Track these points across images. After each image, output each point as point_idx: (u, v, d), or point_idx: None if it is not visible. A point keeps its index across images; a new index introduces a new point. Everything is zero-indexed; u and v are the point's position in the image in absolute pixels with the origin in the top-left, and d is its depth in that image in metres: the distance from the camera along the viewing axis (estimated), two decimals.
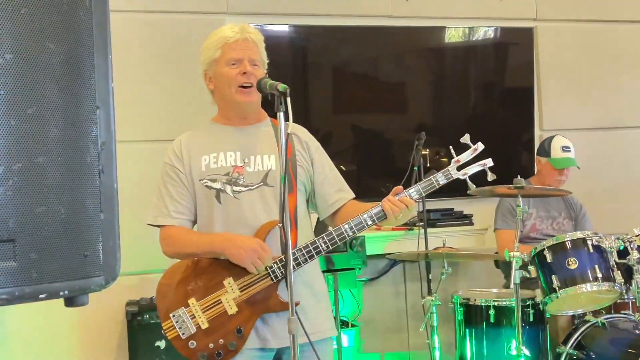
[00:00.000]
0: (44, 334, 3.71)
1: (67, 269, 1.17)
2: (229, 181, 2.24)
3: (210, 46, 2.29)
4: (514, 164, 4.58)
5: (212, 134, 2.34)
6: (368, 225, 2.20)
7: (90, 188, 1.21)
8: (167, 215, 2.27)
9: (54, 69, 1.15)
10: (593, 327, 3.25)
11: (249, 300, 2.18)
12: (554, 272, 3.16)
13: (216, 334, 2.16)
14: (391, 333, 4.28)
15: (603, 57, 4.77)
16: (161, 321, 2.19)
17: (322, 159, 2.42)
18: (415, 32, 4.50)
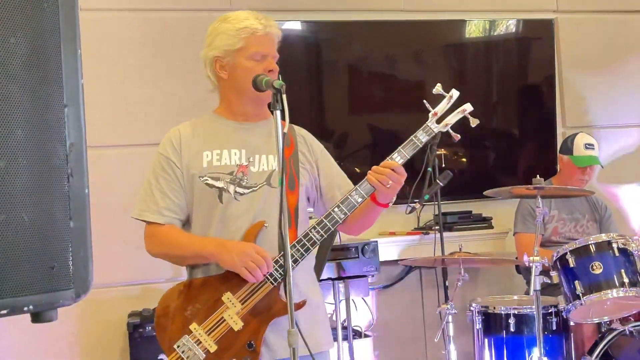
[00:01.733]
0: (44, 346, 3.70)
1: (32, 282, 1.11)
2: (233, 181, 2.17)
3: (232, 33, 2.16)
4: (535, 163, 4.50)
5: (215, 129, 2.25)
6: (358, 203, 2.13)
7: (58, 193, 1.15)
8: (156, 212, 2.17)
9: (14, 66, 1.10)
10: (620, 335, 3.17)
11: (253, 311, 2.11)
12: (578, 278, 3.10)
13: (227, 353, 2.09)
14: (407, 344, 4.21)
15: (628, 49, 4.70)
16: (167, 356, 2.11)
17: (328, 160, 2.38)
18: (433, 26, 4.45)
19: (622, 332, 3.17)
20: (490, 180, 4.22)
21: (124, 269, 3.75)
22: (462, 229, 4.20)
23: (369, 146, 4.42)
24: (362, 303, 4.14)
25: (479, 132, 4.28)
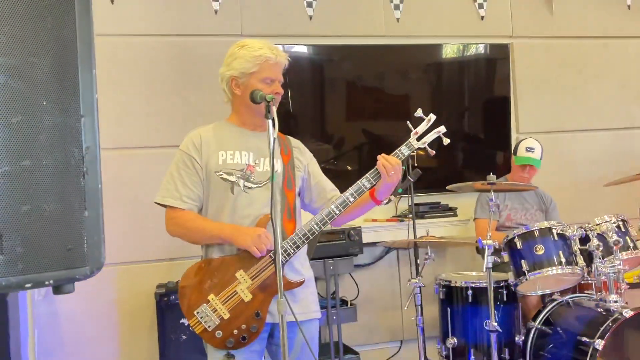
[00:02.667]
0: (92, 310, 3.70)
1: (52, 261, 1.11)
2: (243, 176, 2.19)
3: (249, 59, 2.17)
4: (495, 163, 4.48)
5: (229, 134, 2.25)
6: (367, 188, 2.20)
7: (75, 188, 1.15)
8: (177, 199, 2.18)
9: (41, 81, 1.10)
10: (559, 305, 3.15)
11: (260, 286, 2.13)
12: (524, 257, 3.09)
13: (238, 320, 2.10)
14: (386, 311, 4.20)
15: (571, 68, 4.65)
16: (187, 319, 2.12)
17: (315, 165, 2.43)
18: (416, 49, 4.38)
19: (561, 303, 3.14)
20: (458, 177, 4.21)
21: (153, 248, 3.75)
22: (432, 216, 4.18)
23: (362, 148, 4.38)
24: (349, 278, 4.14)
25: (450, 136, 4.29)
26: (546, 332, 3.07)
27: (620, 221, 3.17)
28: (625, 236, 3.14)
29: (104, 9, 3.79)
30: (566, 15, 4.64)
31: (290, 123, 4.11)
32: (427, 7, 4.37)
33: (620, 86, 4.74)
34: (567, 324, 3.01)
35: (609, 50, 4.74)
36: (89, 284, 3.89)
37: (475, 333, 3.24)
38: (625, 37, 4.78)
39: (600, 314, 2.88)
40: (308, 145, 2.32)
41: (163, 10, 3.90)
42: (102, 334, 3.73)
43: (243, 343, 2.09)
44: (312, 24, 4.15)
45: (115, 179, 3.77)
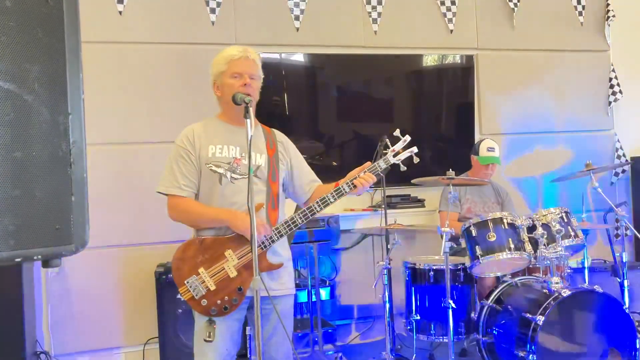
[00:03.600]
0: (97, 288, 3.74)
1: (41, 239, 1.14)
2: (230, 169, 2.22)
3: (219, 62, 2.25)
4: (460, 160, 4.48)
5: (218, 129, 2.28)
6: (331, 201, 2.21)
7: (63, 177, 1.19)
8: (177, 187, 2.21)
9: (32, 84, 1.13)
10: (509, 286, 3.20)
11: (245, 266, 2.17)
12: (478, 244, 3.13)
13: (222, 292, 2.15)
14: (360, 290, 4.24)
15: (529, 77, 4.70)
16: (178, 287, 2.17)
17: (298, 158, 2.43)
18: (399, 58, 4.40)
19: (511, 284, 3.20)
20: (427, 172, 4.24)
21: (155, 232, 3.78)
22: (403, 207, 4.22)
23: (351, 146, 4.41)
24: (328, 260, 4.19)
25: (423, 136, 4.38)
26: (497, 309, 3.12)
27: (564, 212, 3.22)
28: (567, 226, 3.19)
29: (113, 19, 3.81)
30: (526, 30, 4.68)
31: (286, 123, 4.14)
32: (401, 21, 4.40)
33: (572, 94, 4.79)
34: (515, 303, 3.05)
35: (564, 62, 4.78)
36: (97, 264, 3.95)
37: (435, 310, 3.29)
38: (578, 51, 4.82)
39: (542, 294, 2.93)
40: (302, 143, 2.36)
41: (165, 21, 3.93)
42: (109, 308, 3.77)
43: (225, 312, 2.14)
44: (299, 34, 4.18)
45: (121, 170, 3.81)
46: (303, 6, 4.19)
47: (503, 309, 3.09)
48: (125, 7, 3.84)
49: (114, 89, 3.83)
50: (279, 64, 4.15)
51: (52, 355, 3.63)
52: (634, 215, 4.86)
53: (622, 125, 4.91)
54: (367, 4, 4.33)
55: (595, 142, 4.84)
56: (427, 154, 4.53)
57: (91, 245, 3.93)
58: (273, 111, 4.14)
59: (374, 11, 4.35)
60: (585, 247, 3.38)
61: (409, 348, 3.55)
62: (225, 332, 2.17)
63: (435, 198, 4.19)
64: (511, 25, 4.65)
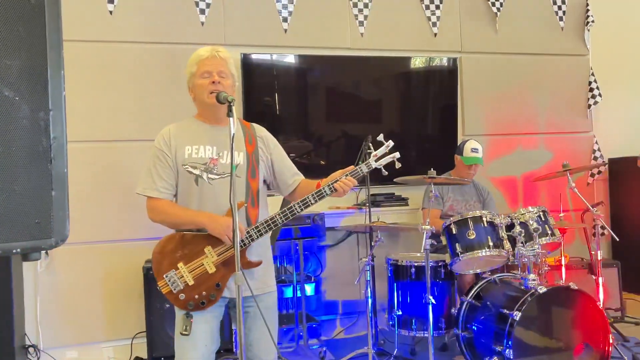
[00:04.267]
0: (86, 283, 3.72)
1: (21, 232, 1.13)
2: (206, 169, 2.18)
3: (191, 63, 2.22)
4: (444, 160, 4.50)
5: (194, 129, 2.23)
6: (311, 203, 2.17)
7: (43, 172, 1.17)
8: (154, 190, 2.17)
9: (11, 80, 1.12)
10: (488, 282, 3.21)
11: (224, 262, 2.14)
12: (458, 241, 3.14)
13: (200, 288, 2.13)
14: (345, 285, 4.25)
15: (511, 80, 4.73)
16: (157, 281, 2.15)
17: (280, 153, 2.38)
18: (387, 60, 4.40)
19: (490, 280, 3.21)
20: (412, 171, 4.25)
21: (143, 227, 3.74)
22: (387, 205, 4.23)
23: (340, 145, 4.40)
24: (314, 257, 4.19)
25: (413, 136, 4.41)
26: (476, 305, 3.14)
27: (541, 211, 3.24)
28: (544, 224, 3.21)
29: (104, 18, 3.79)
30: (508, 34, 4.71)
31: (276, 123, 4.14)
32: (387, 24, 4.42)
33: (552, 97, 4.83)
34: (493, 299, 3.07)
35: (545, 66, 4.82)
36: (86, 259, 3.93)
37: (416, 305, 3.30)
38: (558, 54, 4.86)
39: (520, 290, 2.96)
40: (291, 142, 2.30)
41: (156, 21, 3.91)
42: (97, 302, 3.75)
43: (202, 307, 2.12)
44: (287, 36, 4.18)
45: (111, 167, 3.79)
46: (291, 8, 4.19)
47: (482, 305, 3.11)
48: (116, 7, 3.82)
49: (104, 88, 3.81)
50: (271, 65, 4.14)
51: (41, 349, 3.61)
52: (610, 214, 4.92)
53: (600, 128, 4.96)
54: (353, 6, 4.34)
55: (575, 143, 4.88)
56: (413, 153, 4.55)
57: (81, 240, 3.95)
58: (264, 111, 4.13)
59: (361, 14, 4.35)
60: (562, 245, 3.41)
61: (392, 343, 3.56)
62: (204, 328, 2.15)
63: (418, 197, 4.21)
64: (494, 29, 4.68)
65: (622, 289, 4.32)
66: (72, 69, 3.74)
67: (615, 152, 4.85)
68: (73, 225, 3.69)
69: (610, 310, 4.22)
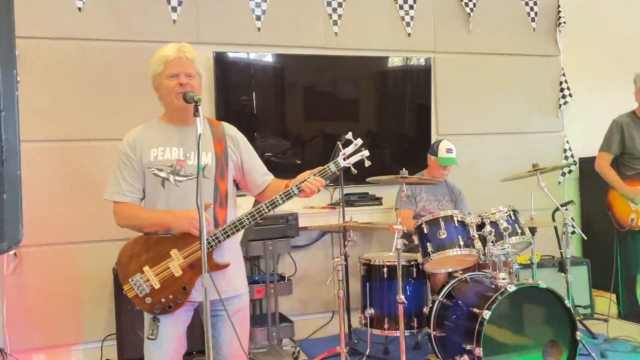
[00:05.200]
0: (55, 285, 3.66)
1: None
2: (173, 171, 2.15)
3: (156, 62, 2.18)
4: (417, 159, 4.52)
5: (160, 131, 2.21)
6: (279, 203, 2.15)
7: None
8: (120, 194, 2.16)
9: None
10: (460, 281, 3.23)
11: (191, 265, 2.11)
12: (429, 240, 3.15)
13: (166, 291, 2.10)
14: (319, 286, 4.25)
15: (484, 80, 4.78)
16: (122, 285, 2.12)
17: (249, 152, 2.35)
18: (365, 60, 4.40)
19: (461, 279, 3.23)
20: (387, 171, 4.25)
21: (112, 229, 3.67)
22: (361, 205, 4.24)
23: (317, 144, 4.36)
24: (288, 257, 4.18)
25: (388, 135, 4.42)
26: (447, 304, 3.16)
27: (511, 211, 3.28)
28: (514, 224, 3.25)
29: (72, 15, 3.73)
30: (481, 35, 4.75)
31: (254, 122, 4.11)
32: (361, 23, 4.42)
33: (524, 97, 4.89)
34: (464, 297, 3.09)
35: (517, 66, 4.88)
36: (55, 261, 3.86)
37: (389, 305, 3.31)
38: (531, 55, 4.92)
39: (490, 289, 2.98)
40: (269, 141, 2.24)
41: (126, 19, 3.86)
42: (66, 304, 3.69)
43: (169, 311, 2.10)
44: (260, 35, 4.16)
45: (81, 167, 3.73)
46: (264, 7, 4.16)
47: (453, 304, 3.13)
48: (85, 4, 3.75)
49: (74, 86, 3.74)
50: (246, 63, 4.11)
51: (8, 353, 3.53)
52: (581, 213, 5.00)
53: (571, 128, 5.04)
54: (327, 5, 4.33)
55: (546, 143, 4.95)
56: (388, 152, 4.56)
57: (49, 242, 3.88)
58: (242, 110, 4.10)
59: (335, 13, 4.35)
60: (533, 244, 3.45)
61: (365, 342, 3.56)
62: (172, 331, 2.13)
63: (392, 196, 4.23)
64: (467, 29, 4.72)
65: (591, 287, 4.40)
66: (41, 67, 3.67)
67: (586, 151, 4.93)
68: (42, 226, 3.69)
69: (579, 307, 4.30)
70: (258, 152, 2.37)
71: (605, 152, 3.92)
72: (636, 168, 3.78)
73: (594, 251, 4.73)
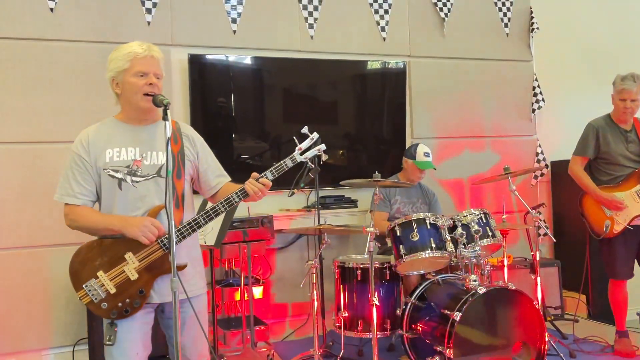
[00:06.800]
0: (25, 288, 3.61)
1: None
2: (129, 172, 2.10)
3: (120, 58, 2.12)
4: (393, 162, 4.53)
5: (115, 131, 2.16)
6: (236, 202, 2.13)
7: None
8: (72, 196, 2.10)
9: None
10: (432, 283, 3.27)
11: (147, 268, 2.08)
12: (402, 243, 3.18)
13: (122, 295, 2.06)
14: (296, 287, 4.24)
15: (458, 84, 4.82)
16: (76, 291, 2.07)
17: (205, 152, 2.32)
18: (342, 63, 4.41)
19: (433, 281, 3.27)
20: (362, 174, 4.27)
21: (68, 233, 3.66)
22: (336, 207, 4.24)
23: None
24: (264, 259, 4.18)
25: (365, 139, 4.43)
26: (420, 306, 3.19)
27: (483, 214, 3.32)
28: (486, 226, 3.29)
29: (44, 15, 3.68)
30: (455, 40, 4.80)
31: (231, 123, 4.10)
32: (336, 26, 4.44)
33: (498, 101, 4.95)
34: (436, 299, 3.13)
35: (491, 71, 4.94)
36: (26, 264, 3.80)
37: (362, 307, 3.33)
38: (503, 60, 4.99)
39: (461, 291, 3.02)
40: (247, 143, 2.21)
41: (99, 20, 3.82)
42: (37, 308, 3.64)
43: (126, 315, 2.07)
44: (236, 37, 4.16)
45: (52, 169, 3.67)
46: (240, 9, 4.16)
47: (426, 306, 3.16)
48: (57, 4, 3.71)
49: (45, 87, 3.69)
50: (223, 66, 4.09)
51: None
52: (552, 215, 5.08)
53: (543, 132, 5.12)
54: (303, 9, 4.34)
55: (520, 146, 5.02)
56: (366, 155, 4.58)
57: (19, 245, 3.82)
58: (218, 111, 4.08)
59: (310, 17, 4.37)
60: (504, 246, 3.50)
61: (339, 344, 3.58)
62: (132, 336, 2.10)
63: (368, 198, 4.25)
64: (442, 34, 4.77)
65: (562, 288, 4.48)
66: (12, 68, 3.61)
67: (557, 154, 5.02)
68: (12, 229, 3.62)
69: (550, 308, 4.37)
70: (235, 153, 2.35)
71: (579, 157, 3.72)
72: (611, 173, 3.61)
73: (565, 252, 4.81)
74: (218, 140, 3.90)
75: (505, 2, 4.98)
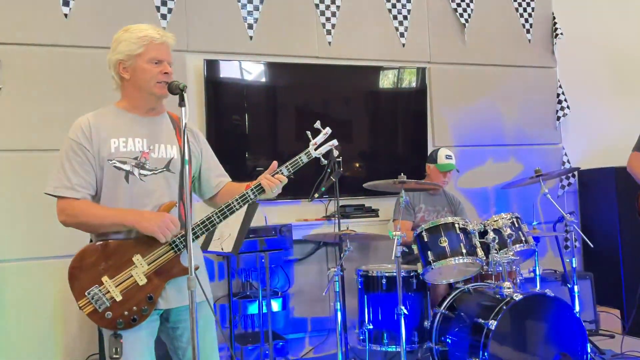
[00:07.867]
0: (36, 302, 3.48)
1: None
2: (137, 165, 1.92)
3: (134, 40, 1.93)
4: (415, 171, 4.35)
5: (120, 119, 1.96)
6: (251, 199, 1.97)
7: None
8: (69, 188, 1.88)
9: None
10: (462, 292, 3.09)
11: (157, 272, 1.89)
12: (430, 249, 3.02)
13: (129, 303, 1.85)
14: (316, 301, 4.07)
15: (479, 91, 4.69)
16: (76, 300, 1.83)
17: (207, 149, 2.17)
18: (352, 71, 4.27)
19: (464, 290, 3.09)
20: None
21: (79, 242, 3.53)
22: (357, 216, 4.09)
23: (308, 164, 4.22)
24: (281, 271, 4.01)
25: (385, 149, 4.29)
26: (450, 316, 3.00)
27: (514, 218, 3.15)
28: (518, 231, 3.12)
29: (58, 22, 3.62)
30: (476, 46, 4.68)
31: (242, 143, 3.98)
32: (355, 33, 4.34)
33: (521, 109, 4.80)
34: (467, 309, 2.95)
35: (513, 77, 4.80)
36: (37, 276, 3.66)
37: (388, 319, 3.15)
38: (525, 67, 4.86)
39: (494, 299, 2.83)
40: (261, 162, 2.11)
41: (114, 26, 3.68)
42: (48, 322, 3.50)
43: (133, 324, 1.86)
44: (252, 43, 4.06)
45: None
46: (257, 15, 4.07)
47: (456, 316, 2.97)
48: (72, 11, 3.65)
49: (59, 94, 3.61)
50: (240, 71, 3.99)
51: None
52: (581, 226, 4.87)
53: (569, 140, 4.95)
54: (320, 15, 4.25)
55: (544, 155, 4.85)
56: (383, 166, 4.42)
57: (31, 256, 3.66)
58: (233, 130, 3.97)
59: (328, 23, 4.27)
60: (537, 252, 3.31)
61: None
62: (139, 347, 1.88)
63: (389, 208, 4.09)
64: (462, 40, 4.65)
65: (595, 301, 4.25)
66: (25, 75, 3.54)
67: (584, 163, 4.82)
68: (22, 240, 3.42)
69: (585, 322, 4.13)
70: (249, 159, 2.24)
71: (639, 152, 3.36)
72: None
73: (595, 265, 4.59)
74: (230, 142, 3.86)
75: (527, 8, 4.86)
